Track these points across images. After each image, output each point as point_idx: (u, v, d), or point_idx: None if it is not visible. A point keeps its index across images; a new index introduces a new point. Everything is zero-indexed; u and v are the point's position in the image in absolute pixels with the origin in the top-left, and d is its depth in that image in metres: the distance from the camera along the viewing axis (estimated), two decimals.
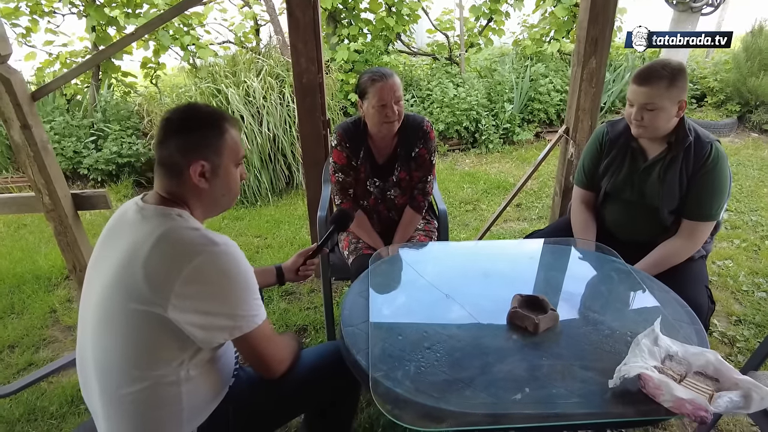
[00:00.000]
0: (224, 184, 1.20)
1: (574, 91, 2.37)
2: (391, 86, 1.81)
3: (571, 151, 2.46)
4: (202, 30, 4.60)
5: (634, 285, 1.57)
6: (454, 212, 3.69)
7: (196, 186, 1.16)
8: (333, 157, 2.04)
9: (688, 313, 1.44)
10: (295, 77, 2.37)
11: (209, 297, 1.06)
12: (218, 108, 1.26)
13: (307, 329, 2.49)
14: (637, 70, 1.71)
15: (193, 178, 1.15)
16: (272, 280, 1.68)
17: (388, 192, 2.05)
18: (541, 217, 3.60)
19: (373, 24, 4.83)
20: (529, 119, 4.97)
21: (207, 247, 1.06)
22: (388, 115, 1.84)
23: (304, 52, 2.31)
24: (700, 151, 1.72)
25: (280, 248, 3.24)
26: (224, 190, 1.21)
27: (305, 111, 2.40)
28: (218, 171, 1.18)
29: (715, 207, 1.74)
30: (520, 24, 5.53)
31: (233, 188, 1.24)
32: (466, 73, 5.06)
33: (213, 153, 1.16)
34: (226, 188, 1.21)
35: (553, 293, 1.54)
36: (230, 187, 1.22)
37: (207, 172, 1.16)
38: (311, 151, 2.47)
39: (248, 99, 3.85)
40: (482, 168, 4.44)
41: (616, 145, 1.87)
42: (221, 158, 1.17)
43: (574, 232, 1.98)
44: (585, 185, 1.99)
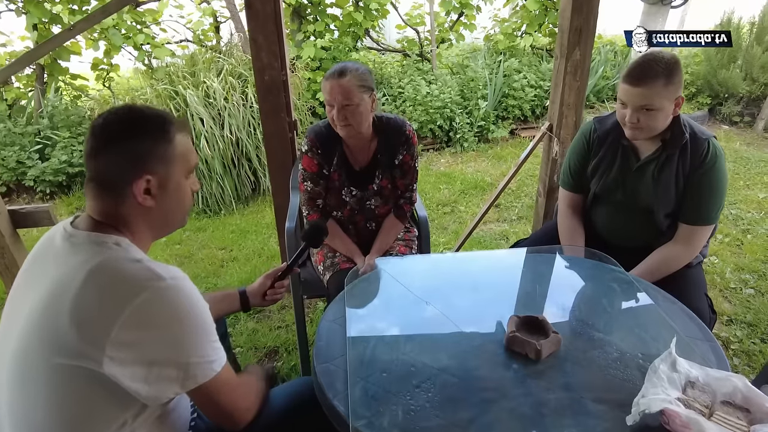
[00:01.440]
0: (175, 199, 1.00)
1: (557, 85, 2.23)
2: (341, 87, 1.61)
3: (556, 149, 2.33)
4: (158, 28, 4.30)
5: (637, 297, 1.43)
6: (432, 215, 3.52)
7: (140, 205, 0.95)
8: (302, 164, 1.84)
9: (700, 326, 1.31)
10: (256, 74, 2.15)
11: (155, 344, 0.86)
12: (164, 109, 1.04)
13: (279, 351, 2.28)
14: (628, 68, 1.54)
15: (137, 197, 0.94)
16: (235, 306, 1.48)
17: (367, 202, 1.86)
18: (521, 217, 3.48)
19: (340, 20, 4.63)
20: (504, 116, 4.86)
21: (151, 283, 0.87)
22: (333, 118, 1.66)
23: (265, 46, 2.09)
24: (696, 150, 1.59)
25: (247, 261, 3.01)
26: (175, 206, 1.01)
27: (268, 111, 2.19)
28: (167, 185, 0.97)
29: (714, 209, 1.62)
30: (492, 18, 5.42)
31: (185, 203, 1.03)
32: (438, 70, 4.92)
33: (160, 164, 0.95)
34: (177, 204, 1.01)
35: (551, 311, 1.38)
36: (182, 202, 1.02)
37: (154, 188, 0.95)
38: (276, 154, 2.25)
39: (208, 101, 3.59)
40: (458, 167, 4.29)
41: (606, 144, 1.73)
42: (170, 169, 0.97)
43: (562, 239, 1.84)
44: (572, 187, 1.85)
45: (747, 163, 4.10)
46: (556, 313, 1.35)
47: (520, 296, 1.46)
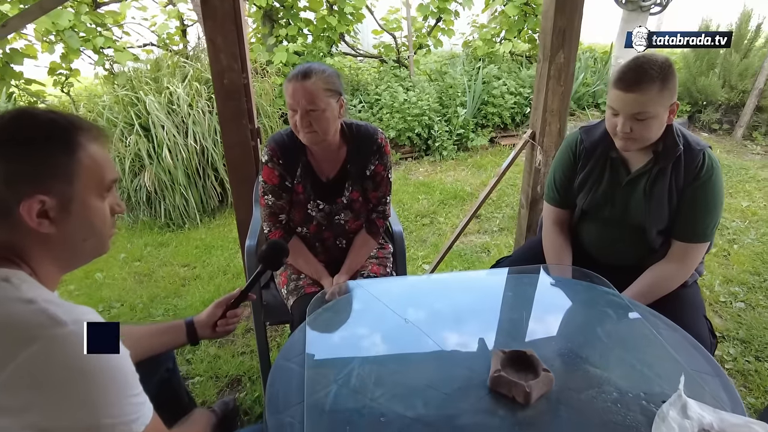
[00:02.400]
0: (83, 224, 0.81)
1: (540, 91, 2.09)
2: (304, 90, 1.45)
3: (539, 158, 2.19)
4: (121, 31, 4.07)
5: (635, 324, 1.28)
6: (410, 227, 3.36)
7: (35, 231, 0.76)
8: (263, 176, 1.66)
9: (707, 358, 1.16)
10: (214, 77, 1.96)
11: (52, 408, 0.68)
12: (70, 114, 0.85)
13: (242, 380, 2.07)
14: (619, 73, 1.39)
15: (27, 221, 0.75)
16: (180, 339, 1.29)
17: (336, 216, 1.69)
18: (502, 228, 3.34)
19: (313, 24, 4.46)
20: (483, 124, 4.74)
21: (45, 330, 0.69)
22: (296, 125, 1.49)
23: (224, 47, 1.91)
24: (691, 162, 1.46)
25: (211, 279, 2.79)
26: (85, 232, 0.82)
27: (229, 117, 2.00)
28: (70, 207, 0.79)
29: (710, 225, 1.49)
30: (470, 24, 5.32)
31: (100, 228, 0.84)
32: (415, 76, 4.78)
33: (58, 181, 0.77)
34: (87, 230, 0.82)
35: (540, 342, 1.22)
36: (94, 227, 0.83)
37: (51, 210, 0.76)
38: (238, 165, 2.06)
39: (171, 107, 3.38)
40: (437, 177, 4.15)
41: (594, 156, 1.59)
42: (74, 188, 0.78)
43: (547, 257, 1.69)
44: (557, 202, 1.70)
45: (728, 171, 4.05)
46: (546, 345, 1.19)
47: (505, 325, 1.30)
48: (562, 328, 1.28)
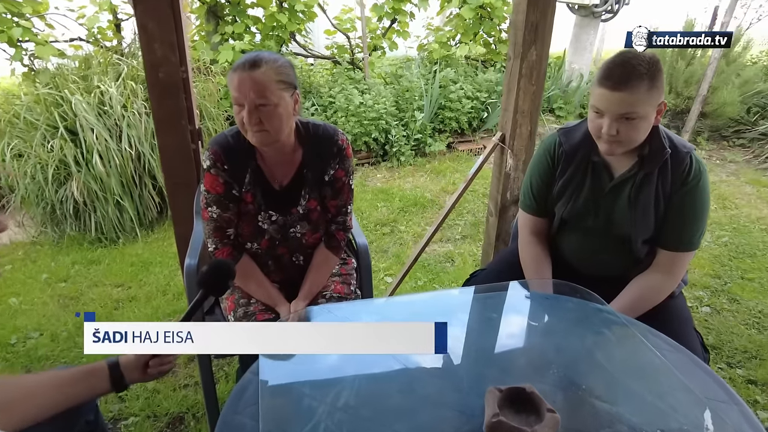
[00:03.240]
0: None
1: (510, 90, 1.96)
2: (253, 81, 1.24)
3: (509, 162, 2.05)
4: (44, 23, 3.65)
5: (636, 346, 1.14)
6: (370, 236, 3.16)
7: None
8: (205, 184, 1.42)
9: (720, 384, 1.04)
10: (147, 71, 1.70)
11: None
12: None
13: (185, 419, 1.81)
14: (604, 70, 1.27)
15: None
16: (102, 387, 1.04)
17: (291, 229, 1.47)
18: (465, 236, 3.21)
19: (262, 21, 4.20)
20: (441, 129, 4.63)
21: None
22: (243, 121, 1.28)
23: (159, 34, 1.65)
24: (678, 165, 1.36)
25: (149, 300, 2.48)
26: None
27: (165, 117, 1.74)
28: None
29: (697, 233, 1.40)
30: (425, 27, 5.21)
31: None
32: (370, 79, 4.61)
33: None
34: None
35: (536, 373, 1.06)
36: None
37: None
38: (176, 171, 1.80)
39: (103, 108, 3.02)
40: (396, 183, 3.98)
41: (574, 160, 1.46)
42: None
43: (525, 270, 1.56)
44: (535, 211, 1.57)
45: None
46: (544, 377, 1.03)
47: (494, 354, 1.13)
48: (558, 355, 1.12)
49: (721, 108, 4.58)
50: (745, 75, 4.71)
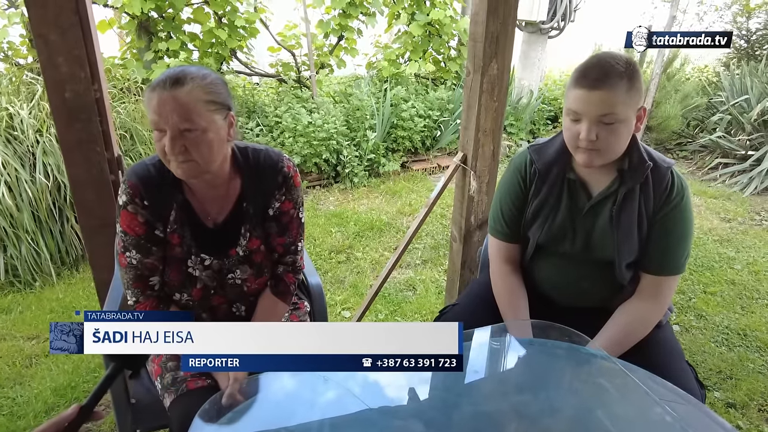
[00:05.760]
0: None
1: (471, 107, 1.82)
2: (176, 102, 1.03)
3: (473, 185, 1.90)
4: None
5: (641, 402, 0.98)
6: (324, 266, 2.93)
7: None
8: (121, 224, 1.17)
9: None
10: (49, 90, 1.43)
11: None
12: None
13: None
14: (581, 69, 1.18)
15: None
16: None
17: (229, 275, 1.24)
18: (425, 261, 3.03)
19: (200, 38, 3.93)
20: (394, 148, 4.49)
21: None
22: (165, 150, 1.06)
23: (63, 47, 1.39)
24: (660, 182, 1.27)
25: (69, 355, 2.13)
26: None
27: (73, 144, 1.47)
28: None
29: (683, 254, 1.30)
30: (373, 44, 5.09)
31: None
32: (319, 98, 4.41)
33: None
34: None
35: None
36: None
37: None
38: (89, 207, 1.53)
39: (12, 134, 2.66)
40: (350, 206, 3.78)
41: (548, 179, 1.34)
42: None
43: (500, 304, 1.42)
44: (506, 237, 1.43)
45: None
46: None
47: (488, 425, 0.93)
48: (561, 423, 0.94)
49: (665, 122, 4.70)
50: (684, 90, 4.87)
